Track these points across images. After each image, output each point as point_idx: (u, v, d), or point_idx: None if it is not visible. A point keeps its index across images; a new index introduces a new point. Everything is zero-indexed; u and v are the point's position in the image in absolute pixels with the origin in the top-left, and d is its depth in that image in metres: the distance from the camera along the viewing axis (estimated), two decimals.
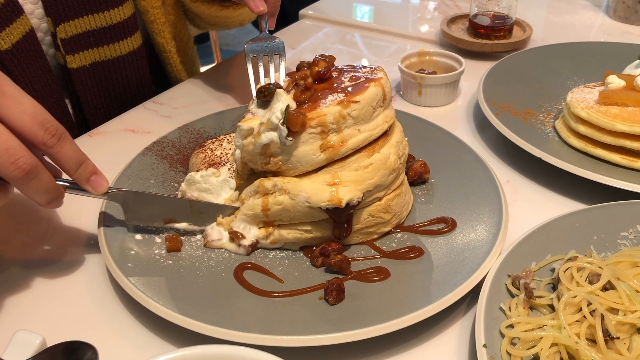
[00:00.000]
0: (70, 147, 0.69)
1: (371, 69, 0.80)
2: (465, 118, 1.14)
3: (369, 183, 0.75)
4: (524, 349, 0.63)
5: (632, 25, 1.49)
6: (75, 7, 1.04)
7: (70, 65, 1.08)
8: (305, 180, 0.74)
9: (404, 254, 0.77)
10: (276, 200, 0.75)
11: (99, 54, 1.11)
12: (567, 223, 0.79)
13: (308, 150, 0.73)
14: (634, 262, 0.71)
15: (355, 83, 0.76)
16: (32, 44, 1.01)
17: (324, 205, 0.72)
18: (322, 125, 0.72)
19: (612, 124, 0.91)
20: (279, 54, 0.99)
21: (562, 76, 1.18)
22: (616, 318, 0.63)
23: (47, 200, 0.70)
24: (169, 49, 1.20)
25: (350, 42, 1.52)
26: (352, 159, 0.74)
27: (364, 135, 0.75)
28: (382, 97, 0.76)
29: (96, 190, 0.75)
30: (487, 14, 1.34)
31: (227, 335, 0.65)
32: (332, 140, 0.73)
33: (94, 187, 0.74)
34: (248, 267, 0.76)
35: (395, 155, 0.77)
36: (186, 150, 0.97)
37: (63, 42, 1.05)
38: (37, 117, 0.65)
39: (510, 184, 0.95)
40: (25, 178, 0.65)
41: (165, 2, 1.20)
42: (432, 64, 1.22)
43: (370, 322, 0.66)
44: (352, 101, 0.73)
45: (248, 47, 1.00)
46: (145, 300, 0.69)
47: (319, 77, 0.77)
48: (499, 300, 0.68)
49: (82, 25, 1.06)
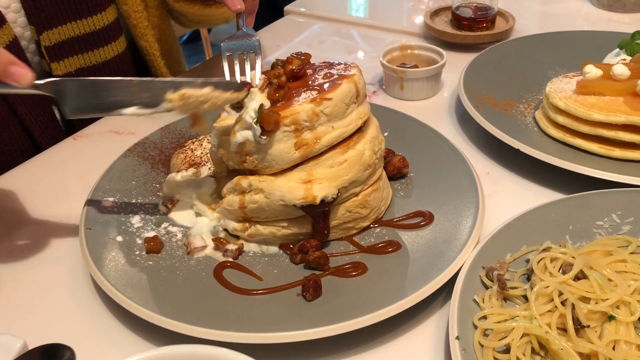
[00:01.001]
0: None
1: (345, 66, 0.80)
2: (447, 111, 1.15)
3: (344, 179, 0.75)
4: (496, 340, 0.64)
5: (616, 13, 1.49)
6: (57, 15, 1.04)
7: (55, 72, 1.09)
8: (280, 179, 0.75)
9: (381, 249, 0.78)
10: (252, 199, 0.76)
11: (84, 60, 1.12)
12: (542, 214, 0.79)
13: (283, 148, 0.74)
14: (608, 251, 0.72)
15: (328, 80, 0.77)
16: (16, 53, 1.01)
17: (299, 202, 0.73)
18: (296, 123, 0.73)
19: (589, 114, 0.91)
20: (254, 51, 1.00)
21: (543, 66, 1.19)
22: (587, 307, 0.64)
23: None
24: (153, 52, 1.21)
25: (335, 37, 1.52)
26: (327, 155, 0.75)
27: (337, 132, 0.75)
28: (356, 93, 0.77)
29: (18, 82, 0.67)
30: (470, 6, 1.34)
31: (205, 334, 0.66)
32: (306, 138, 0.74)
33: (15, 78, 0.67)
34: (227, 266, 0.77)
35: (371, 151, 0.78)
36: (168, 151, 0.98)
37: (47, 50, 1.06)
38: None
39: (490, 176, 0.96)
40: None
41: (148, 5, 1.20)
42: (414, 58, 1.22)
43: (346, 317, 0.67)
44: (325, 98, 0.73)
45: (224, 45, 1.01)
46: (124, 301, 0.70)
47: (292, 75, 0.78)
48: (473, 293, 0.69)
49: (66, 32, 1.07)
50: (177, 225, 0.84)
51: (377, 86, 1.23)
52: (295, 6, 1.65)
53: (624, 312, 0.64)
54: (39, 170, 1.03)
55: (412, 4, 1.63)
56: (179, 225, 0.84)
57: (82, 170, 1.02)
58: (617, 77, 0.94)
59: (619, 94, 0.94)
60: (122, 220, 0.84)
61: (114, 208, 0.85)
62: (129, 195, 0.88)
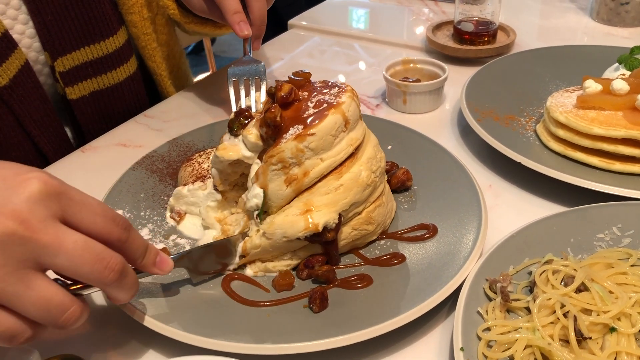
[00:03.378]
0: (137, 236, 0.66)
1: (338, 90, 0.79)
2: (450, 124, 1.16)
3: (343, 203, 0.76)
4: (499, 351, 0.65)
5: (615, 27, 1.51)
6: (71, 41, 1.06)
7: (70, 96, 1.11)
8: (278, 217, 0.75)
9: (386, 261, 0.79)
10: (253, 244, 0.76)
11: (98, 83, 1.13)
12: (544, 226, 0.81)
13: (275, 187, 0.75)
14: (609, 264, 0.74)
15: (315, 111, 0.75)
16: (28, 77, 1.03)
17: (302, 234, 0.74)
18: (282, 161, 0.73)
19: (590, 128, 0.93)
20: (260, 77, 1.03)
21: (544, 80, 1.20)
22: (589, 319, 0.65)
23: (132, 294, 0.65)
24: (160, 72, 1.23)
25: (340, 49, 1.54)
26: (320, 184, 0.75)
27: (327, 162, 0.75)
28: (344, 122, 0.75)
29: (163, 271, 0.70)
30: (471, 20, 1.36)
31: (213, 345, 0.67)
32: (295, 173, 0.74)
33: (161, 267, 0.69)
34: (235, 278, 0.78)
35: (368, 171, 0.77)
36: (175, 164, 0.99)
37: (61, 75, 1.07)
38: (107, 215, 0.61)
39: (492, 189, 0.98)
40: (119, 279, 0.61)
41: (157, 23, 1.22)
42: (416, 72, 1.24)
43: (352, 329, 0.68)
44: (308, 135, 0.73)
45: (231, 71, 1.04)
46: (135, 312, 0.71)
47: (282, 101, 0.77)
48: (476, 304, 0.71)
49: (79, 58, 1.08)
50: (185, 237, 0.85)
51: (380, 99, 1.25)
52: (298, 20, 1.67)
53: (625, 324, 0.65)
54: None
55: (413, 18, 1.66)
56: (187, 237, 0.85)
57: (90, 182, 1.03)
58: (617, 92, 0.96)
59: (618, 109, 0.95)
60: None
61: None
62: (138, 207, 0.90)
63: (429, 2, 1.73)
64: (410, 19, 1.66)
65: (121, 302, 0.66)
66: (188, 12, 1.18)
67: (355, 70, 1.44)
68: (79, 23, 1.06)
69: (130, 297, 0.65)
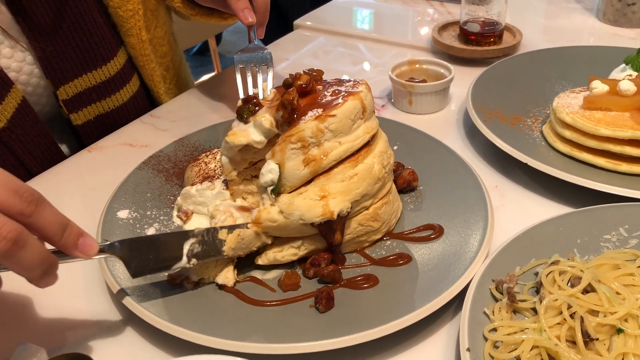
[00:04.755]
0: (51, 211, 0.60)
1: (354, 83, 0.82)
2: (455, 124, 1.16)
3: (356, 193, 0.77)
4: (506, 351, 0.65)
5: (621, 28, 1.51)
6: (73, 70, 1.06)
7: (75, 122, 1.11)
8: (298, 198, 0.76)
9: (392, 261, 0.80)
10: (270, 217, 0.76)
11: (102, 107, 1.14)
12: (551, 227, 0.81)
13: (292, 165, 0.75)
14: (615, 265, 0.73)
15: (335, 97, 0.78)
16: (26, 115, 1.02)
17: (317, 220, 0.75)
18: (302, 140, 0.75)
19: (596, 129, 0.93)
20: (266, 64, 1.03)
21: (550, 81, 1.20)
22: (596, 320, 0.65)
23: (41, 272, 0.60)
24: (157, 90, 1.24)
25: (345, 50, 1.54)
26: (337, 170, 0.76)
27: (345, 146, 0.76)
28: (362, 109, 0.78)
29: (86, 254, 0.65)
30: (477, 21, 1.36)
31: (220, 344, 0.67)
32: (313, 154, 0.75)
33: (84, 250, 0.65)
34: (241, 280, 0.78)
35: (380, 165, 0.79)
36: (182, 164, 1.00)
37: (65, 103, 1.08)
38: (8, 185, 0.57)
39: (499, 189, 0.98)
40: (13, 249, 0.56)
41: (155, 36, 1.22)
42: (422, 72, 1.24)
43: (358, 329, 0.68)
44: (329, 115, 0.75)
45: (237, 58, 1.05)
46: (142, 311, 0.72)
47: (301, 90, 0.79)
48: (483, 305, 0.71)
49: (82, 84, 1.08)
50: None
51: (386, 100, 1.25)
52: (303, 20, 1.68)
53: (632, 325, 0.65)
54: (54, 182, 1.05)
55: (418, 19, 1.66)
56: None
57: (97, 181, 1.03)
58: (624, 93, 0.95)
59: (625, 110, 0.95)
60: (137, 232, 0.85)
61: (129, 220, 0.87)
62: (144, 207, 0.90)
63: (434, 3, 1.73)
64: (415, 20, 1.66)
65: (32, 280, 0.60)
66: (194, 4, 1.18)
67: (360, 70, 1.44)
68: (79, 50, 1.06)
69: (38, 274, 0.59)
